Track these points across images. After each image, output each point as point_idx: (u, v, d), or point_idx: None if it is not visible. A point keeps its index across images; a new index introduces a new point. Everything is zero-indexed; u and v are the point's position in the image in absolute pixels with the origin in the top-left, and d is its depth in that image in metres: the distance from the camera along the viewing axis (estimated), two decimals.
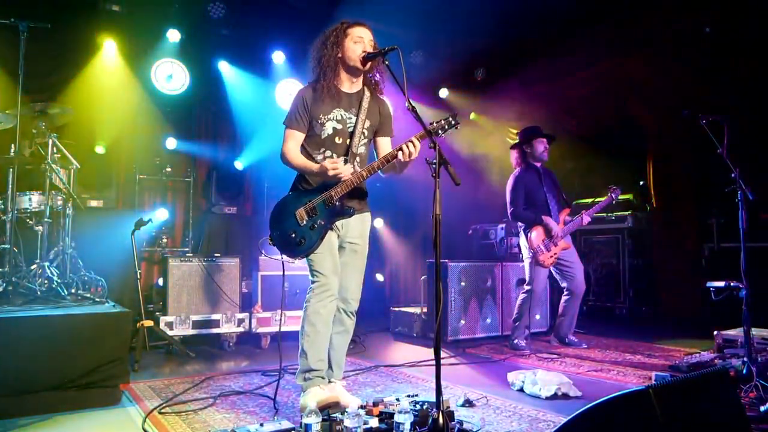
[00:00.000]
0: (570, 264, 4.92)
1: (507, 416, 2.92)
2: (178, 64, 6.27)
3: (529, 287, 4.89)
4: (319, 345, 2.90)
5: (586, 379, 3.75)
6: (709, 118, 3.50)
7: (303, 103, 2.96)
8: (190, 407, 3.04)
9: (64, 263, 4.55)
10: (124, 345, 3.22)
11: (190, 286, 4.88)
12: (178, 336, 4.65)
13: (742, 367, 3.25)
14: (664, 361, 4.29)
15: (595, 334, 5.54)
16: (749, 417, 2.53)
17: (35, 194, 4.49)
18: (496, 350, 4.84)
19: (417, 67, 7.16)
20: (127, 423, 2.83)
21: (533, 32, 6.48)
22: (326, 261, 2.91)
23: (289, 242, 2.89)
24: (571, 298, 4.96)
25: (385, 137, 3.11)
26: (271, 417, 2.84)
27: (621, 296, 6.57)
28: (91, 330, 3.11)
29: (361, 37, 2.93)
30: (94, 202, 5.55)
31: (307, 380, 2.89)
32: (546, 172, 5.06)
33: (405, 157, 2.75)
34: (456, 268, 5.23)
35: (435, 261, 2.39)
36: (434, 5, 6.05)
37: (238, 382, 3.64)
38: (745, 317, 3.31)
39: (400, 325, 5.74)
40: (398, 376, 3.89)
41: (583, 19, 6.24)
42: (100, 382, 3.06)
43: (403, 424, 2.29)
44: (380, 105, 3.10)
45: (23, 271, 4.21)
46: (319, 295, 2.89)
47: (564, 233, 4.86)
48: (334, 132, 2.95)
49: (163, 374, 3.85)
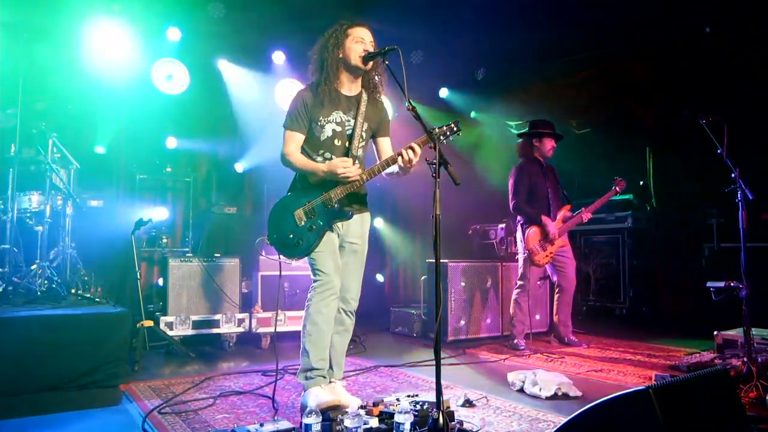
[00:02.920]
0: (563, 260, 4.94)
1: (507, 416, 2.92)
2: (178, 63, 6.26)
3: (522, 283, 4.90)
4: (321, 344, 2.90)
5: (586, 379, 3.75)
6: (709, 118, 3.50)
7: (303, 105, 2.96)
8: (190, 407, 3.04)
9: (64, 263, 4.55)
10: (124, 345, 3.22)
11: (190, 286, 4.87)
12: (178, 336, 4.65)
13: (742, 367, 3.26)
14: (664, 361, 4.30)
15: (595, 334, 5.54)
16: (749, 417, 2.53)
17: (35, 194, 4.49)
18: (496, 350, 4.84)
19: (417, 67, 7.15)
20: (127, 423, 2.83)
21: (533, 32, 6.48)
22: (328, 260, 2.92)
23: (287, 243, 2.89)
24: (562, 295, 4.98)
25: (384, 138, 3.13)
26: (271, 417, 2.84)
27: (621, 296, 6.57)
28: (91, 330, 3.11)
29: (362, 38, 2.93)
30: (94, 202, 5.54)
31: (308, 379, 2.90)
32: (548, 167, 5.07)
33: (405, 163, 2.74)
34: (456, 268, 5.23)
35: (435, 261, 2.39)
36: (434, 5, 6.05)
37: (238, 382, 3.64)
38: (745, 317, 3.31)
39: (400, 325, 5.74)
40: (398, 376, 3.89)
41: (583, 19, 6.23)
42: (100, 382, 3.06)
43: (403, 424, 2.29)
44: (378, 107, 3.10)
45: (23, 271, 4.21)
46: (321, 294, 2.90)
47: (562, 232, 4.87)
48: (334, 134, 2.96)
49: (163, 374, 3.85)
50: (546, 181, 4.96)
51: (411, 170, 2.82)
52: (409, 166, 2.77)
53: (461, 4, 6.06)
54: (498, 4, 5.92)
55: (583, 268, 6.79)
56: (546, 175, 4.98)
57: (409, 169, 2.80)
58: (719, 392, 1.90)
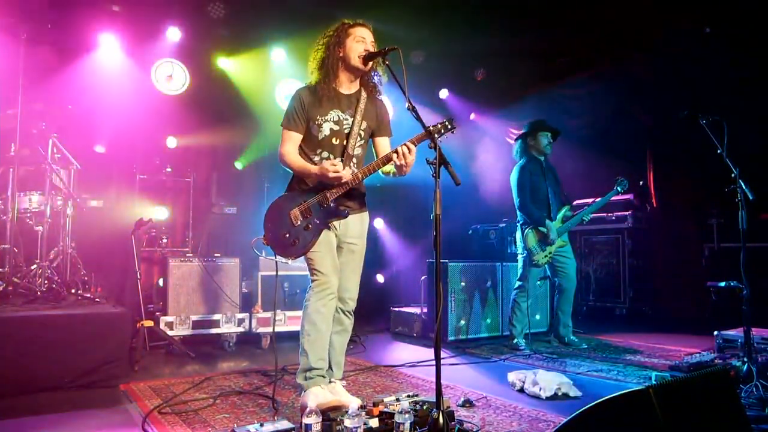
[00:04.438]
0: (564, 260, 4.93)
1: (507, 416, 2.92)
2: (178, 63, 6.27)
3: (521, 283, 4.91)
4: (319, 344, 2.90)
5: (586, 379, 3.75)
6: (709, 118, 3.50)
7: (300, 104, 2.96)
8: (190, 407, 3.04)
9: (64, 263, 4.55)
10: (124, 345, 3.23)
11: (190, 286, 4.87)
12: (178, 336, 4.65)
13: (742, 367, 3.25)
14: (664, 361, 4.29)
15: (595, 334, 5.54)
16: (749, 417, 2.53)
17: (35, 194, 4.49)
18: (496, 350, 4.84)
19: (417, 67, 7.15)
20: (127, 423, 2.83)
21: (533, 32, 6.48)
22: (326, 260, 2.92)
23: (282, 242, 2.89)
24: (563, 295, 4.98)
25: (383, 137, 3.11)
26: (271, 417, 2.84)
27: (621, 296, 6.57)
28: (91, 330, 3.12)
29: (363, 37, 2.93)
30: (94, 202, 5.54)
31: (307, 379, 2.89)
32: (549, 166, 5.07)
33: (400, 160, 2.71)
34: (456, 268, 5.23)
35: (435, 261, 2.39)
36: (434, 4, 6.05)
37: (238, 382, 3.63)
38: (745, 317, 3.31)
39: (400, 325, 5.74)
40: (398, 376, 3.89)
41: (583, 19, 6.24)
42: (100, 382, 3.07)
43: (403, 424, 2.29)
44: (377, 106, 3.09)
45: (23, 271, 4.21)
46: (319, 293, 2.89)
47: (562, 232, 4.87)
48: (331, 133, 2.95)
49: (163, 374, 3.85)
50: (546, 181, 4.96)
51: (407, 170, 2.79)
52: (404, 164, 2.74)
53: (461, 4, 6.06)
54: (498, 4, 5.92)
55: (583, 268, 6.79)
56: (546, 175, 4.98)
57: (404, 168, 2.76)
58: (719, 392, 1.90)
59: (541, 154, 4.99)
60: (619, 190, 4.99)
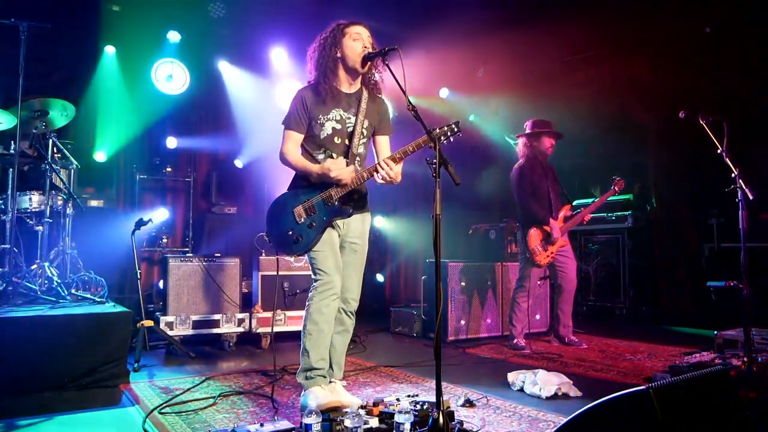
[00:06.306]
0: (564, 260, 4.93)
1: (507, 416, 2.92)
2: (178, 64, 6.27)
3: (522, 283, 4.91)
4: (321, 344, 2.90)
5: (586, 379, 3.75)
6: (709, 118, 3.50)
7: (302, 104, 2.96)
8: (190, 407, 3.04)
9: (64, 263, 4.55)
10: (124, 345, 3.22)
11: (190, 286, 4.87)
12: (178, 336, 4.65)
13: (742, 367, 3.25)
14: (664, 361, 4.29)
15: (595, 334, 5.54)
16: (749, 417, 2.53)
17: (35, 194, 4.48)
18: (496, 350, 4.84)
19: (417, 67, 7.15)
20: (127, 423, 2.83)
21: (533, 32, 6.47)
22: (329, 259, 2.92)
23: (286, 240, 2.89)
24: (563, 295, 4.97)
25: (383, 136, 3.13)
26: (271, 417, 2.84)
27: (621, 296, 6.57)
28: (91, 330, 3.11)
29: (359, 33, 2.93)
30: (94, 202, 5.54)
31: (308, 379, 2.89)
32: (548, 166, 5.07)
33: (379, 180, 2.83)
34: (456, 268, 5.23)
35: (435, 261, 2.39)
36: (434, 5, 6.05)
37: (238, 382, 3.63)
38: (745, 317, 3.31)
39: (400, 325, 5.74)
40: (398, 376, 3.89)
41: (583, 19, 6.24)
42: (100, 382, 3.06)
43: (403, 424, 2.29)
44: (378, 104, 3.10)
45: (23, 271, 4.20)
46: (322, 293, 2.89)
47: (563, 232, 4.87)
48: (334, 132, 2.96)
49: (163, 374, 3.85)
50: (546, 181, 4.96)
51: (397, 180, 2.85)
52: (390, 179, 2.81)
53: (461, 4, 6.06)
54: (498, 4, 5.92)
55: (583, 268, 6.79)
56: (546, 175, 4.99)
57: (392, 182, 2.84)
58: (719, 392, 1.90)
59: (543, 156, 4.99)
60: (616, 189, 5.00)
